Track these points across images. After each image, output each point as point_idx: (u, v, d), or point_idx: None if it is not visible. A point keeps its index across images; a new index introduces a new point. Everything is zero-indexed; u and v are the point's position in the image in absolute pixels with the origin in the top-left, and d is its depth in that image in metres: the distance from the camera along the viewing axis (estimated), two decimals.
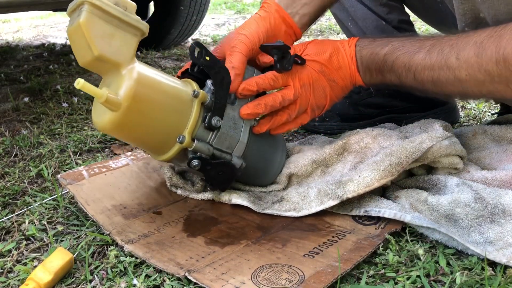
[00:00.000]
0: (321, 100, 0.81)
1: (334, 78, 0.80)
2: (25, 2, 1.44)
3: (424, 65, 0.71)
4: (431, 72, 0.70)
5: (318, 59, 0.80)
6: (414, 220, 0.66)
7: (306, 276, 0.58)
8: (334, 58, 0.80)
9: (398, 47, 0.75)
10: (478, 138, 0.87)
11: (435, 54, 0.70)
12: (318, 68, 0.79)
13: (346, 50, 0.80)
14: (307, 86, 0.79)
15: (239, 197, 0.77)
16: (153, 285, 0.61)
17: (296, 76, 0.78)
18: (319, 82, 0.79)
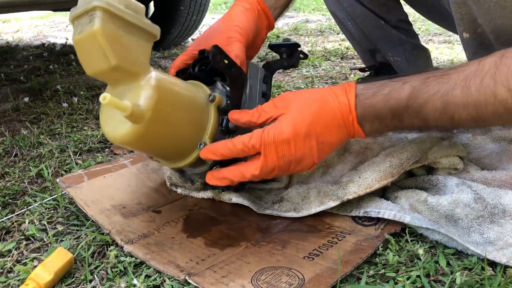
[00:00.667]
0: (302, 167, 0.68)
1: (324, 140, 0.67)
2: (25, 2, 1.44)
3: (465, 104, 0.61)
4: (474, 110, 0.61)
5: (303, 117, 0.66)
6: (414, 221, 0.66)
7: (306, 279, 0.58)
8: (324, 112, 0.66)
9: (422, 88, 0.64)
10: (478, 138, 0.88)
11: (474, 89, 0.60)
12: (305, 130, 0.66)
13: (340, 100, 0.67)
14: (287, 158, 0.66)
15: (240, 197, 0.77)
16: (153, 285, 0.61)
17: (273, 146, 0.65)
18: (305, 149, 0.66)
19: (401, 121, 0.66)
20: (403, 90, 0.65)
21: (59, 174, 0.96)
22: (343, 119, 0.67)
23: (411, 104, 0.64)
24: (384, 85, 0.66)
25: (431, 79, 0.64)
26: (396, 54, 1.10)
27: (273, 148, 0.65)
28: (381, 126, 0.67)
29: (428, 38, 2.37)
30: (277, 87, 1.54)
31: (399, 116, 0.65)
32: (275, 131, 0.65)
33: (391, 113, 0.65)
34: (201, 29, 3.05)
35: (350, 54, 2.05)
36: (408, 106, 0.64)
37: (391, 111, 0.65)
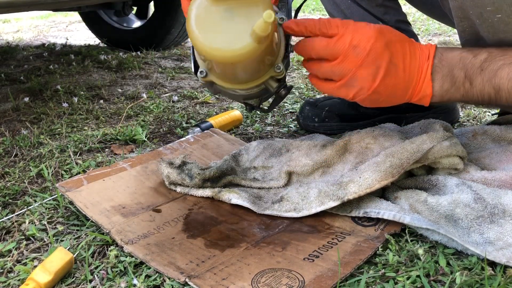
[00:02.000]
0: (365, 78, 0.66)
1: (397, 63, 0.66)
2: (25, 2, 1.44)
3: None
4: None
5: (389, 33, 0.66)
6: (413, 222, 0.66)
7: (306, 281, 0.58)
8: (406, 43, 0.67)
9: (499, 55, 0.63)
10: (478, 138, 0.88)
11: None
12: (386, 40, 0.65)
13: (422, 46, 0.68)
14: (358, 50, 0.65)
15: (239, 197, 0.77)
16: (153, 285, 0.61)
17: (352, 32, 0.65)
18: (377, 54, 0.65)
19: (472, 85, 0.64)
20: (480, 53, 0.64)
21: (59, 174, 0.96)
22: (419, 61, 0.67)
23: (486, 66, 0.63)
24: (462, 48, 0.67)
25: (509, 50, 0.63)
26: None
27: (351, 34, 0.65)
28: (452, 86, 0.66)
29: (428, 38, 2.37)
30: None
31: (471, 78, 0.64)
32: (360, 25, 0.66)
33: (464, 72, 0.64)
34: None
35: None
36: (482, 69, 0.63)
37: (464, 69, 0.64)
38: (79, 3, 1.88)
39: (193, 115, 1.32)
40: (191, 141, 1.02)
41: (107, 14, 2.49)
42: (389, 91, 0.68)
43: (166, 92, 1.60)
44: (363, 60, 0.65)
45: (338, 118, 1.12)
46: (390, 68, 0.66)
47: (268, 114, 1.30)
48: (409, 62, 0.67)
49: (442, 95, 0.68)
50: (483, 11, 0.67)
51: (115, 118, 1.33)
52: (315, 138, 0.90)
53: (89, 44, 2.66)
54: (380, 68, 0.65)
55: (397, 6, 1.13)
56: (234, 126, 1.21)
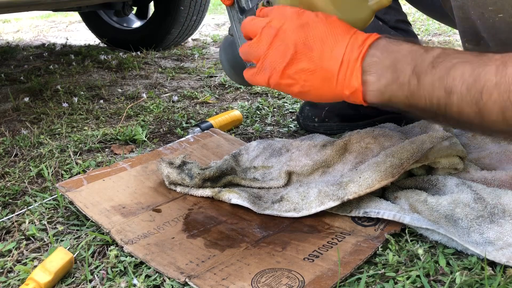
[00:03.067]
0: (276, 61, 0.62)
1: (313, 46, 0.59)
2: (25, 2, 1.44)
3: (496, 83, 0.49)
4: (506, 94, 0.49)
5: (311, 17, 0.60)
6: (413, 222, 0.66)
7: (306, 281, 0.58)
8: (335, 30, 0.59)
9: (452, 53, 0.54)
10: (478, 138, 0.88)
11: (511, 70, 0.49)
12: (300, 23, 0.60)
13: (358, 35, 0.59)
14: (271, 30, 0.62)
15: (239, 197, 0.77)
16: (153, 285, 0.61)
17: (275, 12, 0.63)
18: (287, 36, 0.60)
19: (420, 83, 0.54)
20: (433, 50, 0.55)
21: (59, 174, 0.96)
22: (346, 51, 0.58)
23: (438, 63, 0.53)
24: (414, 43, 0.57)
25: (467, 52, 0.54)
26: None
27: (272, 14, 0.63)
28: (393, 82, 0.56)
29: (428, 38, 2.37)
30: None
31: (419, 74, 0.54)
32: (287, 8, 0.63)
33: (412, 67, 0.54)
34: (201, 29, 3.06)
35: None
36: (433, 65, 0.53)
37: (413, 64, 0.54)
38: (79, 3, 1.88)
39: (193, 115, 1.32)
40: (191, 141, 1.02)
41: (107, 14, 2.49)
42: (306, 78, 0.61)
43: (166, 92, 1.60)
44: (272, 39, 0.61)
45: (338, 118, 1.12)
46: (301, 50, 0.59)
47: (267, 114, 1.30)
48: (330, 47, 0.58)
49: (380, 90, 0.57)
50: (485, 11, 0.67)
51: (115, 118, 1.33)
52: (315, 138, 0.90)
53: (89, 44, 2.66)
54: (288, 48, 0.60)
55: (398, 6, 1.13)
56: (234, 126, 1.21)
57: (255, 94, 1.52)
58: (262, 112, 1.32)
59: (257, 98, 1.48)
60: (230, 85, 1.63)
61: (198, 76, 1.81)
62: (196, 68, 1.93)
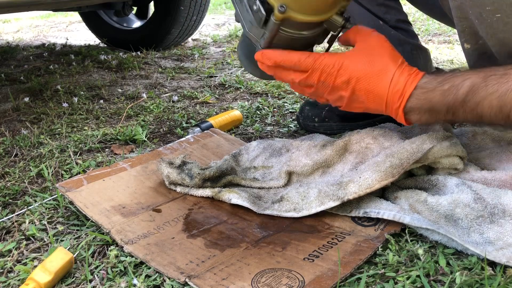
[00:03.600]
0: (335, 102, 0.77)
1: (360, 97, 0.73)
2: (25, 2, 1.44)
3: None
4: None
5: (354, 68, 0.71)
6: (413, 222, 0.66)
7: (306, 281, 0.58)
8: (373, 81, 0.71)
9: (481, 86, 0.65)
10: (478, 138, 0.88)
11: None
12: (347, 77, 0.71)
13: (398, 82, 0.70)
14: (325, 85, 0.74)
15: (239, 197, 0.77)
16: (153, 285, 0.61)
17: (320, 71, 0.73)
18: (340, 89, 0.73)
19: (455, 116, 0.68)
20: (462, 87, 0.66)
21: (59, 174, 0.96)
22: (387, 102, 0.71)
23: (468, 100, 0.66)
24: (445, 80, 0.68)
25: (491, 78, 0.65)
26: None
27: (317, 72, 0.73)
28: (432, 118, 0.70)
29: (428, 38, 2.37)
30: (277, 87, 1.54)
31: (454, 111, 0.68)
32: (326, 61, 0.72)
33: (446, 108, 0.68)
34: (201, 29, 3.06)
35: None
36: (465, 102, 0.66)
37: (447, 106, 0.68)
38: (79, 3, 1.88)
39: (193, 115, 1.32)
40: (191, 141, 1.02)
41: (107, 14, 2.49)
42: (362, 110, 0.76)
43: (166, 92, 1.60)
44: (329, 91, 0.74)
45: (338, 118, 1.12)
46: (353, 99, 0.74)
47: (267, 114, 1.30)
48: (373, 100, 0.72)
49: (420, 122, 0.73)
50: (482, 10, 0.67)
51: (115, 118, 1.33)
52: (315, 138, 0.90)
53: (89, 44, 2.66)
54: (343, 97, 0.74)
55: (398, 6, 1.13)
56: (234, 126, 1.21)
57: (255, 94, 1.52)
58: (262, 112, 1.32)
59: (257, 98, 1.48)
60: (230, 85, 1.63)
61: (198, 76, 1.81)
62: (196, 68, 1.94)
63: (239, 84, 1.62)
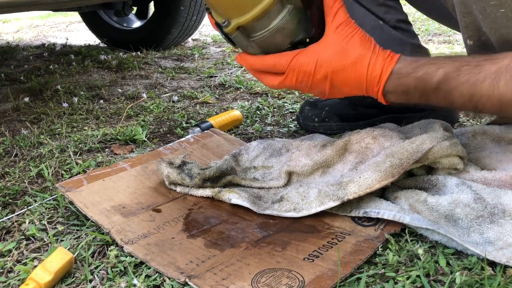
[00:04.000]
0: (317, 95, 0.79)
1: (340, 88, 0.74)
2: (25, 2, 1.44)
3: (490, 96, 0.65)
4: (498, 103, 0.65)
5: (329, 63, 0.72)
6: (413, 222, 0.66)
7: (306, 281, 0.58)
8: (351, 71, 0.72)
9: (453, 76, 0.68)
10: (478, 138, 0.87)
11: (503, 83, 0.64)
12: (324, 73, 0.73)
13: (375, 68, 0.72)
14: (304, 84, 0.75)
15: (239, 197, 0.77)
16: (153, 285, 0.61)
17: (296, 72, 0.73)
18: (319, 84, 0.74)
19: (428, 101, 0.72)
20: (436, 75, 0.69)
21: (59, 174, 0.96)
22: (367, 87, 0.73)
23: (440, 88, 0.69)
24: (420, 67, 0.70)
25: (465, 68, 0.67)
26: None
27: (294, 74, 0.74)
28: (407, 100, 0.73)
29: (428, 38, 2.37)
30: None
31: (426, 96, 0.71)
32: (301, 61, 0.73)
33: (419, 93, 0.71)
34: (201, 29, 3.06)
35: None
36: (437, 90, 0.69)
37: (420, 91, 0.71)
38: (79, 3, 1.88)
39: (193, 115, 1.32)
40: (191, 141, 1.02)
41: (107, 14, 2.49)
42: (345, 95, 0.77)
43: (166, 92, 1.60)
44: (309, 89, 0.76)
45: (338, 118, 1.12)
46: (332, 92, 0.76)
47: (267, 114, 1.30)
48: (354, 88, 0.74)
49: (396, 102, 0.75)
50: (487, 5, 0.67)
51: (115, 118, 1.33)
52: (315, 138, 0.91)
53: (89, 44, 2.66)
54: (324, 90, 0.76)
55: (399, 6, 1.13)
56: (234, 126, 1.21)
57: (255, 94, 1.52)
58: (262, 112, 1.32)
59: (257, 98, 1.48)
60: (230, 85, 1.63)
61: (198, 76, 1.81)
62: (196, 68, 1.94)
63: (239, 84, 1.62)
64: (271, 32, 0.72)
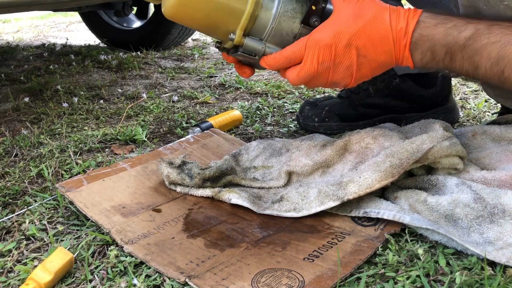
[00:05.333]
0: (343, 79, 0.71)
1: (366, 54, 0.68)
2: (25, 2, 1.44)
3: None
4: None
5: (348, 27, 0.66)
6: (413, 222, 0.66)
7: (306, 281, 0.58)
8: (373, 28, 0.66)
9: (484, 33, 0.62)
10: (478, 138, 0.88)
11: None
12: (346, 40, 0.67)
13: (399, 20, 0.66)
14: (326, 64, 0.68)
15: (239, 197, 0.77)
16: (153, 285, 0.61)
17: (316, 50, 0.68)
18: (344, 58, 0.68)
19: (452, 61, 0.66)
20: (465, 29, 0.64)
21: (59, 174, 0.96)
22: (394, 42, 0.67)
23: (469, 46, 0.63)
24: (449, 19, 0.66)
25: (496, 27, 0.62)
26: None
27: (315, 53, 0.68)
28: (432, 60, 0.67)
29: None
30: (277, 87, 1.54)
31: (452, 54, 0.65)
32: (317, 36, 0.68)
33: (446, 49, 0.65)
34: None
35: None
36: (464, 47, 0.64)
37: (446, 47, 0.65)
38: (79, 3, 1.88)
39: (193, 115, 1.32)
40: (191, 141, 1.03)
41: (107, 14, 2.49)
42: (371, 74, 0.72)
43: (166, 92, 1.60)
44: (333, 70, 0.69)
45: (338, 118, 1.12)
46: (361, 61, 0.69)
47: (267, 114, 1.30)
48: (381, 49, 0.68)
49: (422, 66, 0.69)
50: None
51: (115, 118, 1.33)
52: (315, 138, 0.91)
53: (89, 44, 2.66)
54: (351, 66, 0.69)
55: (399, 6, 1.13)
56: (234, 126, 1.21)
57: (255, 94, 1.52)
58: (262, 112, 1.32)
59: (257, 98, 1.48)
60: (230, 85, 1.63)
61: (198, 76, 1.81)
62: (196, 68, 1.94)
63: (239, 84, 1.62)
64: (277, 21, 0.71)
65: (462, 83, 1.50)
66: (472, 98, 1.35)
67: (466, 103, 1.30)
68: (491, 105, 1.25)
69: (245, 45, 0.72)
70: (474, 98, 1.35)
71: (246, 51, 0.73)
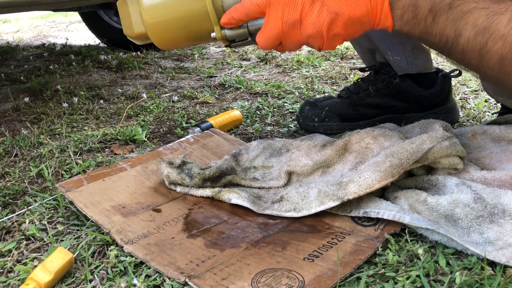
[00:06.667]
0: (314, 40, 0.63)
1: (337, 10, 0.59)
2: (25, 2, 1.44)
3: (504, 34, 0.54)
4: (509, 46, 0.54)
5: None
6: (413, 222, 0.66)
7: (306, 281, 0.58)
8: None
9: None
10: (478, 138, 0.88)
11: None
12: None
13: None
14: (291, 22, 0.62)
15: (239, 197, 0.77)
16: (153, 285, 0.61)
17: (279, 7, 0.61)
18: (312, 13, 0.60)
19: (434, 22, 0.59)
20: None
21: (59, 174, 0.96)
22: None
23: (456, 6, 0.57)
24: None
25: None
26: (395, 53, 1.10)
27: (278, 9, 0.61)
28: (412, 18, 0.60)
29: None
30: (277, 87, 1.54)
31: (436, 14, 0.58)
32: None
33: (430, 5, 0.58)
34: None
35: (350, 54, 2.05)
36: (451, 7, 0.57)
37: (431, 3, 0.58)
38: (79, 3, 1.88)
39: (193, 115, 1.32)
40: (191, 141, 1.03)
41: (107, 14, 2.49)
42: (346, 33, 0.64)
43: (166, 92, 1.60)
44: (300, 29, 0.63)
45: (337, 118, 1.12)
46: (332, 18, 0.62)
47: (267, 114, 1.30)
48: (351, 9, 0.61)
49: (401, 26, 0.62)
50: None
51: (115, 118, 1.33)
52: (315, 138, 0.91)
53: (89, 44, 2.66)
54: (321, 24, 0.62)
55: None
56: (234, 126, 1.21)
57: (255, 94, 1.52)
58: (262, 112, 1.32)
59: (257, 98, 1.48)
60: (230, 85, 1.63)
61: (198, 76, 1.81)
62: (196, 68, 1.94)
63: (239, 84, 1.62)
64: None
65: (462, 83, 1.50)
66: (472, 98, 1.35)
67: (466, 103, 1.30)
68: (491, 105, 1.25)
69: (228, 36, 0.73)
70: (474, 98, 1.35)
71: (238, 39, 0.74)
